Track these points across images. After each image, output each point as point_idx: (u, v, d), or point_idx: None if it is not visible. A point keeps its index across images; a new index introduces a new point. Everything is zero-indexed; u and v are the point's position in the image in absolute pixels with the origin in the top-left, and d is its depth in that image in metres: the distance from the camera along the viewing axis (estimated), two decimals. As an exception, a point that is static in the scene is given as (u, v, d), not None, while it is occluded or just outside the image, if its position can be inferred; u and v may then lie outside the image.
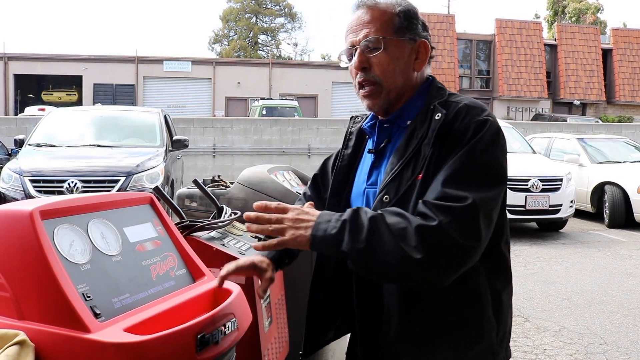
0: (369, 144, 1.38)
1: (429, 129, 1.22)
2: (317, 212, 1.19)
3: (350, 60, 1.32)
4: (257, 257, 1.36)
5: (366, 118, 1.42)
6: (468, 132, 1.18)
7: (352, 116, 1.50)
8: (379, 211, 1.17)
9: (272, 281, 1.33)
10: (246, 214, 1.21)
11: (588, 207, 8.72)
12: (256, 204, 1.22)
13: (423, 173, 1.19)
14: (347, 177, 1.40)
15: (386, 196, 1.22)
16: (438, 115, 1.22)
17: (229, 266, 1.35)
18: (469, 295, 1.23)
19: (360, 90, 1.32)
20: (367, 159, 1.37)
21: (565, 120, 18.93)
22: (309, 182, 1.57)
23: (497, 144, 1.20)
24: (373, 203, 1.26)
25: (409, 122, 1.29)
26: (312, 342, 1.45)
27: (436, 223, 1.11)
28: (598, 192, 8.55)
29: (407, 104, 1.31)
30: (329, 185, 1.44)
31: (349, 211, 1.16)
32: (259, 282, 1.34)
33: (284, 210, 1.19)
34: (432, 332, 1.23)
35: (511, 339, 4.05)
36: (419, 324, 1.23)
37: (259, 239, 2.14)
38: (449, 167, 1.16)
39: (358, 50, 1.29)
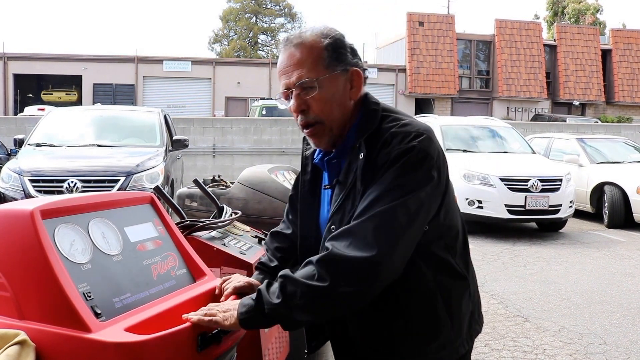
0: (324, 177, 1.43)
1: (358, 167, 1.29)
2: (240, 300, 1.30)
3: (287, 100, 1.34)
4: (253, 280, 1.44)
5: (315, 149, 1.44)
6: (388, 161, 1.24)
7: (305, 137, 1.47)
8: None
9: None
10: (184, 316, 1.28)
11: (587, 207, 8.72)
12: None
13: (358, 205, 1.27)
14: (311, 203, 1.45)
15: (333, 226, 1.31)
16: (361, 155, 1.28)
17: (227, 290, 1.40)
18: (419, 298, 1.31)
19: (305, 131, 1.35)
20: (326, 191, 1.43)
21: (565, 121, 18.94)
22: (287, 205, 1.60)
23: (416, 170, 1.24)
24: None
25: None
26: (316, 338, 1.52)
27: (330, 249, 1.22)
28: (597, 192, 8.55)
29: (347, 139, 1.35)
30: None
31: (264, 283, 1.27)
32: None
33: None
34: (393, 337, 1.32)
35: (511, 339, 3.98)
36: (380, 333, 1.33)
37: (260, 239, 2.15)
38: (364, 198, 1.25)
39: (294, 93, 1.31)
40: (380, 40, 30.73)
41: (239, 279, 1.43)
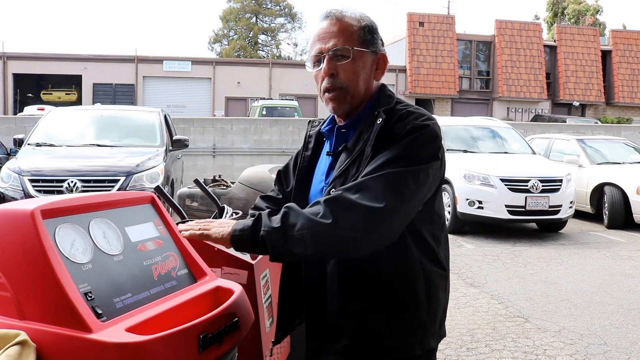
0: (327, 146, 1.51)
1: (372, 132, 1.36)
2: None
3: (316, 66, 1.43)
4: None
5: (324, 122, 1.55)
6: (403, 132, 1.33)
7: (310, 120, 1.63)
8: None
9: None
10: (180, 226, 1.36)
11: (587, 208, 8.72)
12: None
13: (364, 170, 1.33)
14: (307, 177, 1.52)
15: (333, 190, 1.35)
16: (379, 120, 1.36)
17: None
18: (403, 277, 1.36)
19: (326, 94, 1.43)
20: (325, 160, 1.50)
21: (565, 121, 18.93)
22: (275, 178, 1.69)
23: (428, 146, 1.34)
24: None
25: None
26: (283, 328, 1.55)
27: (340, 193, 1.28)
28: (597, 193, 8.55)
29: (362, 111, 1.44)
30: (290, 181, 1.59)
31: (266, 210, 1.35)
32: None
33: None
34: (370, 309, 1.36)
35: (511, 339, 4.00)
36: (358, 302, 1.36)
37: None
38: (375, 160, 1.31)
39: (327, 58, 1.40)
40: (380, 40, 30.72)
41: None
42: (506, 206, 7.22)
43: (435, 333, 1.43)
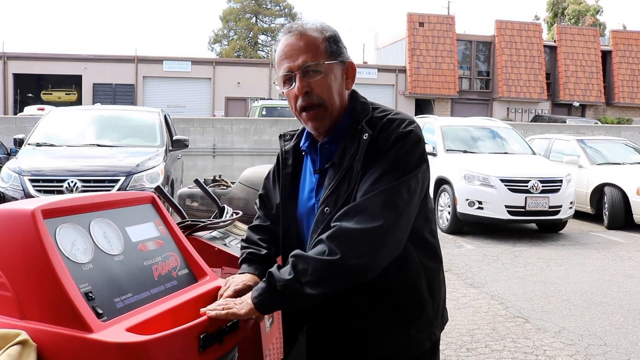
0: (308, 162, 1.49)
1: (359, 147, 1.36)
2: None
3: (287, 85, 1.40)
4: (249, 279, 1.44)
5: (298, 137, 1.53)
6: (388, 144, 1.34)
7: (281, 135, 1.60)
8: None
9: None
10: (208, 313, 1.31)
11: (587, 208, 8.72)
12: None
13: (357, 185, 1.34)
14: (293, 194, 1.50)
15: (327, 208, 1.36)
16: (365, 136, 1.36)
17: (228, 292, 1.40)
18: (407, 282, 1.38)
19: (304, 113, 1.40)
20: (310, 177, 1.48)
21: (565, 122, 18.94)
22: (258, 202, 1.67)
23: (414, 151, 1.35)
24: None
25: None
26: (291, 343, 1.55)
27: (337, 226, 1.28)
28: (597, 193, 8.55)
29: (340, 124, 1.43)
30: (274, 202, 1.57)
31: (274, 266, 1.33)
32: None
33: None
34: (379, 318, 1.37)
35: (511, 340, 4.00)
36: (367, 313, 1.37)
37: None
38: (367, 178, 1.32)
39: (298, 76, 1.37)
40: (380, 40, 30.75)
41: (236, 282, 1.43)
42: (506, 206, 7.22)
43: (439, 323, 1.47)
